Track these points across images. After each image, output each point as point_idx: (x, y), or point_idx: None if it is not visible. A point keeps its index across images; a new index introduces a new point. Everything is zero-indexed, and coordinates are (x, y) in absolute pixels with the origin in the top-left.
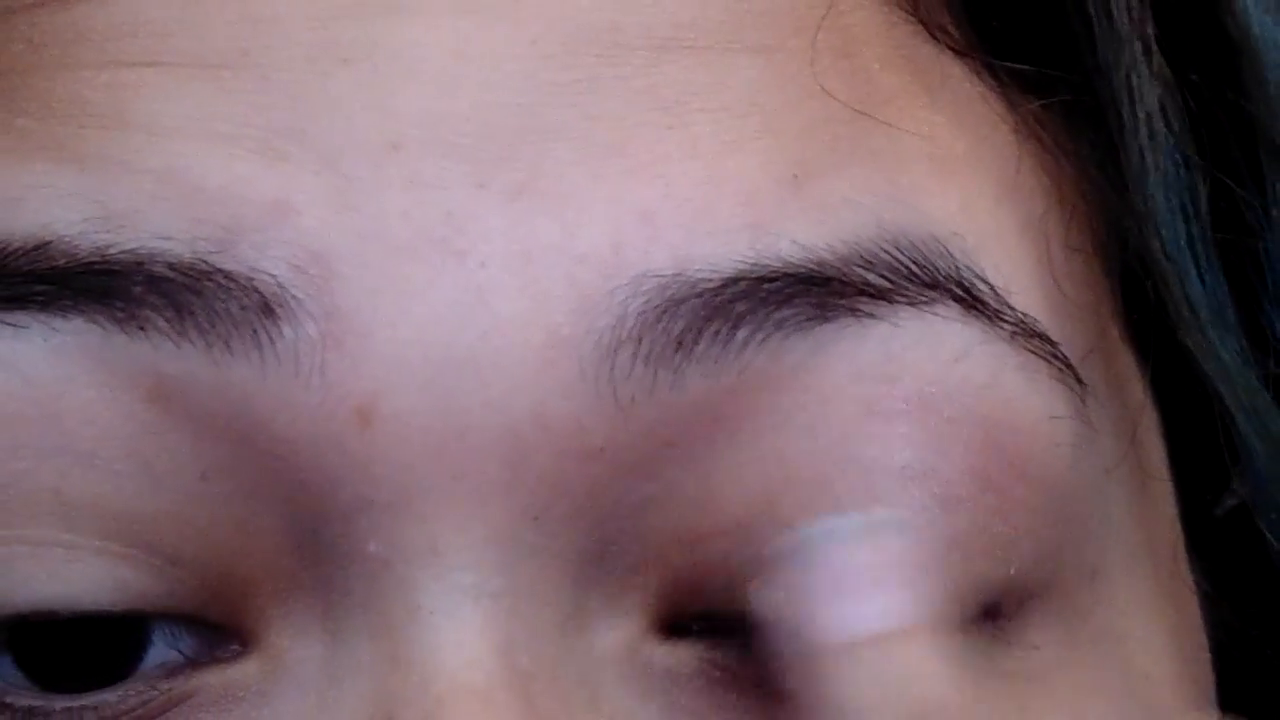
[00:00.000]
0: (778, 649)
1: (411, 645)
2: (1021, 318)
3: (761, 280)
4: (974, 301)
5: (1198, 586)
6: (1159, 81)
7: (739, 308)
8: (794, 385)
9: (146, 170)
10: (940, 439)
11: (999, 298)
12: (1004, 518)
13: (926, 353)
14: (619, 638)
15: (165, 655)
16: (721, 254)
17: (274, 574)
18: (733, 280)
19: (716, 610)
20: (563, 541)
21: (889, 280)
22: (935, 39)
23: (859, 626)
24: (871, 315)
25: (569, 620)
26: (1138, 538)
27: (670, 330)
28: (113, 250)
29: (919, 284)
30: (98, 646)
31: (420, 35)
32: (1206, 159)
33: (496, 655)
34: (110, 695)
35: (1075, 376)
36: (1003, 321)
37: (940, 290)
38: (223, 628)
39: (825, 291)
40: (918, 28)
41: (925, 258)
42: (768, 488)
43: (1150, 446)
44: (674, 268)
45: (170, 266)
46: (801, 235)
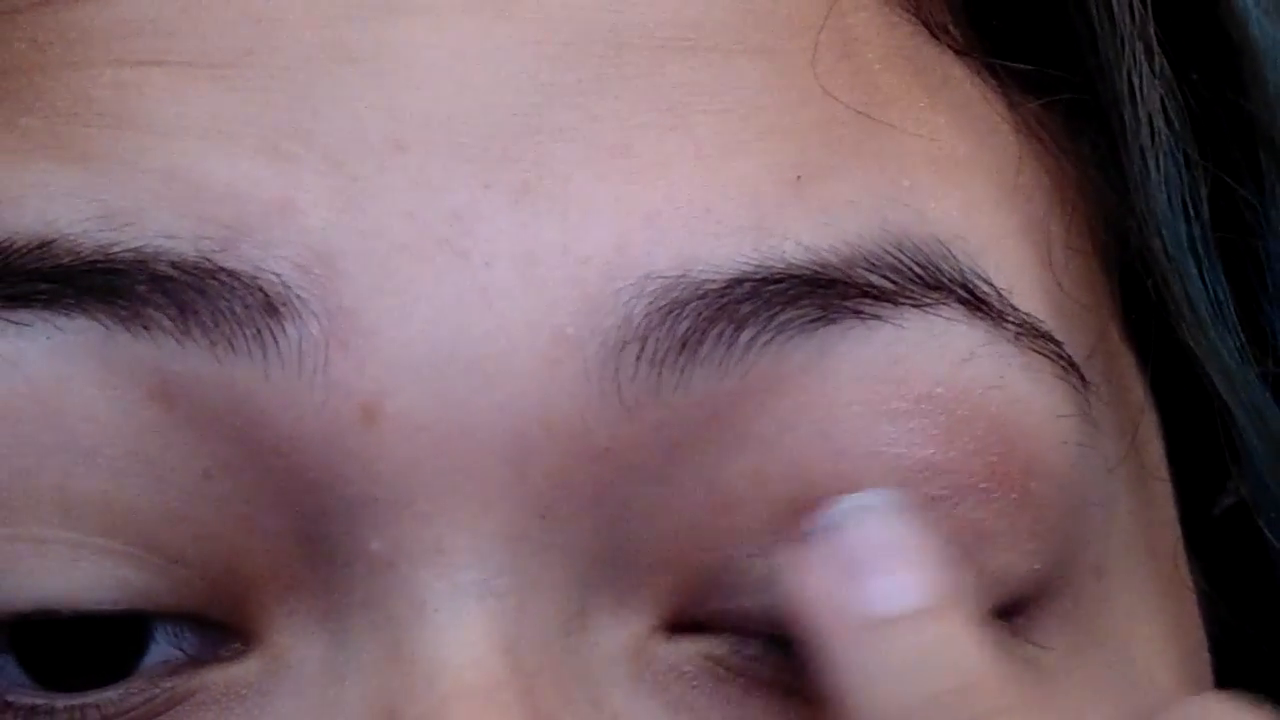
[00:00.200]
0: (799, 632)
1: (415, 644)
2: (1025, 318)
3: (765, 282)
4: (978, 303)
5: (1195, 585)
6: (1161, 81)
7: (743, 309)
8: (799, 387)
9: (150, 169)
10: (955, 437)
11: (1003, 299)
12: (1024, 513)
13: (933, 354)
14: (623, 637)
15: (167, 654)
16: (725, 255)
17: (277, 572)
18: (736, 281)
19: (721, 609)
20: (567, 540)
21: (893, 282)
22: (936, 39)
23: (892, 601)
24: (876, 317)
25: (573, 619)
26: (1139, 537)
27: (675, 331)
28: (116, 249)
29: (923, 286)
30: (100, 645)
31: (425, 35)
32: (1207, 159)
33: (500, 654)
34: (112, 694)
35: (1079, 376)
36: (1007, 323)
37: (944, 292)
38: (225, 626)
39: (829, 293)
40: (919, 28)
41: (929, 260)
42: (778, 488)
43: (1150, 446)
44: (678, 269)
45: (174, 265)
46: (805, 237)
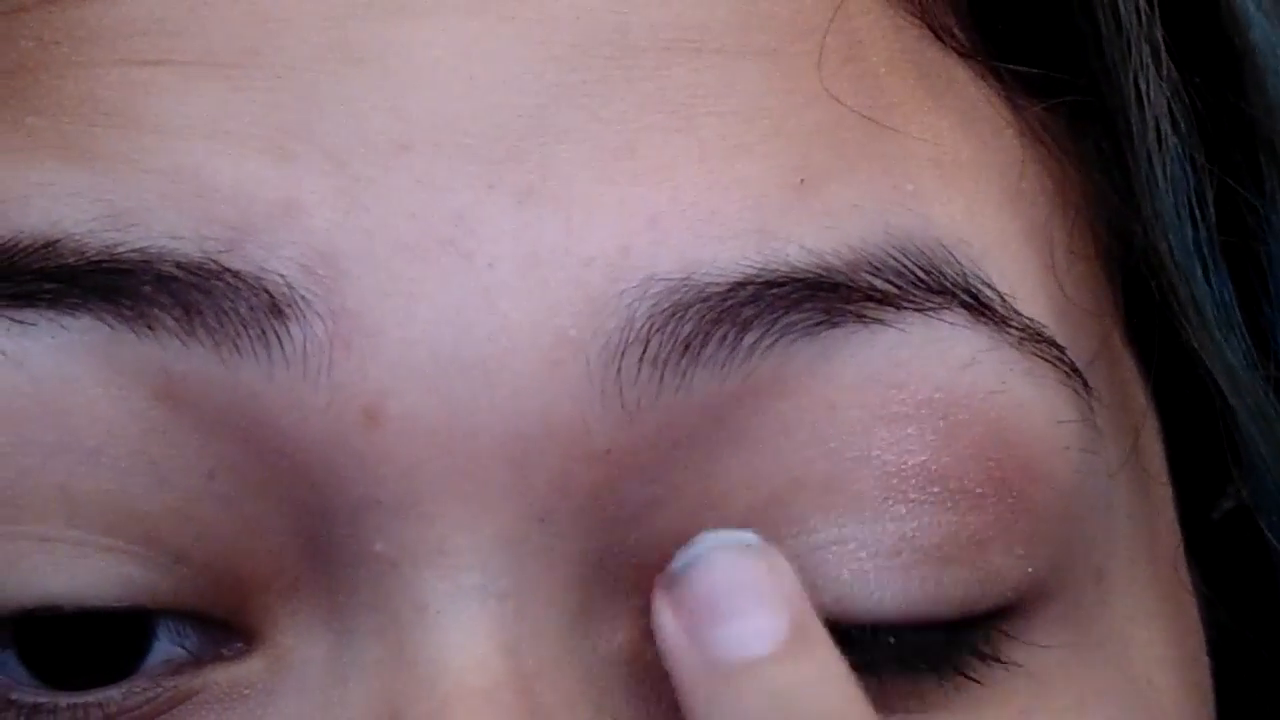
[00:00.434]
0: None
1: (417, 645)
2: (1028, 323)
3: (769, 285)
4: (981, 308)
5: (1195, 589)
6: (1167, 84)
7: (746, 312)
8: (801, 390)
9: (156, 169)
10: (953, 441)
11: (1006, 304)
12: (1021, 517)
13: (935, 359)
14: (624, 638)
15: (170, 652)
16: (728, 258)
17: (280, 572)
18: (740, 284)
19: None
20: (569, 542)
21: (896, 286)
22: (941, 42)
23: (747, 646)
24: (879, 321)
25: (575, 621)
26: (1140, 541)
27: (677, 334)
28: (121, 249)
29: (926, 290)
30: (103, 643)
31: (431, 36)
32: (1213, 162)
33: (502, 655)
34: (115, 692)
35: (1082, 381)
36: (1010, 327)
37: (947, 296)
38: (228, 625)
39: (833, 297)
40: (924, 31)
41: (932, 264)
42: (776, 490)
43: (1151, 451)
44: (681, 271)
45: (179, 266)
46: (809, 240)
